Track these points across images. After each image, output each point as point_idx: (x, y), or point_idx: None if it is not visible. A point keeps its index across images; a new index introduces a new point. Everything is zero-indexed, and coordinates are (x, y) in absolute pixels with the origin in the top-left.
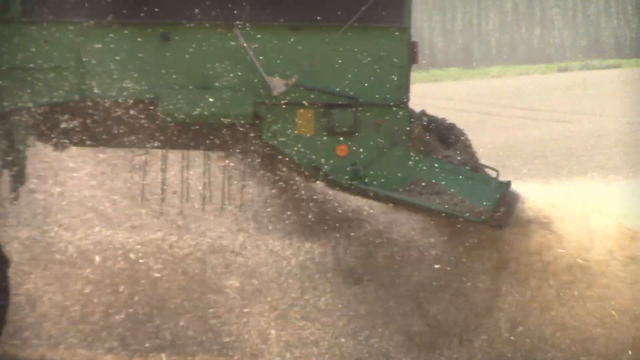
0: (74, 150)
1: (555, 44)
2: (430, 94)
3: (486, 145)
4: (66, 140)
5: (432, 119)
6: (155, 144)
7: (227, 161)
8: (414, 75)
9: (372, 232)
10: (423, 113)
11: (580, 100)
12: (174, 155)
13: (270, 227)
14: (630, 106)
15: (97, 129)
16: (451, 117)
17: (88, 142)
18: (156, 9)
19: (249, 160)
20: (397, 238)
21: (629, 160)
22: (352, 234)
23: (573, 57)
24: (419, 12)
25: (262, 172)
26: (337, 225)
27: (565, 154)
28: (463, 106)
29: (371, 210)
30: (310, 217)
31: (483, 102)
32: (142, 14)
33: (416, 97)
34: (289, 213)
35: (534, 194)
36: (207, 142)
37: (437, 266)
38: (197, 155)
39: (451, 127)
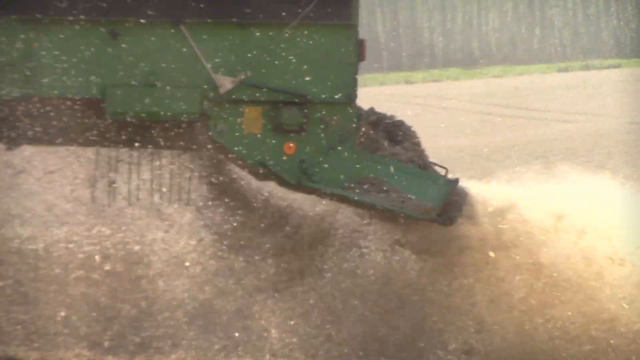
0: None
1: (555, 44)
2: (430, 94)
3: (487, 145)
4: (17, 138)
5: (381, 117)
6: (103, 142)
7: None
8: (414, 75)
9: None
10: (371, 111)
11: (580, 100)
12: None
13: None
14: (630, 106)
15: (45, 126)
16: (451, 117)
17: (37, 140)
18: (104, 6)
19: (197, 157)
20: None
21: (630, 160)
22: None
23: (573, 57)
24: (419, 12)
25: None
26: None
27: (565, 153)
28: (463, 106)
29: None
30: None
31: (483, 102)
32: (90, 11)
33: (416, 97)
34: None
35: (533, 195)
36: (155, 140)
37: None
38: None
39: (400, 125)
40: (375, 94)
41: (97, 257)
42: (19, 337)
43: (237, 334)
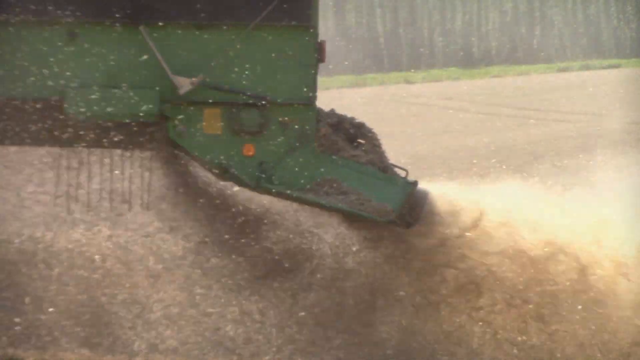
0: None
1: (555, 44)
2: (430, 94)
3: (487, 145)
4: None
5: (341, 118)
6: (61, 142)
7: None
8: (414, 75)
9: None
10: (332, 112)
11: (580, 100)
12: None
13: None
14: (630, 106)
15: (2, 126)
16: (451, 117)
17: None
18: (62, 6)
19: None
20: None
21: (629, 161)
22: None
23: (573, 57)
24: (419, 12)
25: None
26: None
27: (565, 153)
28: (463, 106)
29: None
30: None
31: (483, 102)
32: (48, 11)
33: (416, 97)
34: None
35: (534, 196)
36: (113, 140)
37: None
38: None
39: (360, 127)
40: (375, 94)
41: (96, 257)
42: (19, 337)
43: (235, 337)
